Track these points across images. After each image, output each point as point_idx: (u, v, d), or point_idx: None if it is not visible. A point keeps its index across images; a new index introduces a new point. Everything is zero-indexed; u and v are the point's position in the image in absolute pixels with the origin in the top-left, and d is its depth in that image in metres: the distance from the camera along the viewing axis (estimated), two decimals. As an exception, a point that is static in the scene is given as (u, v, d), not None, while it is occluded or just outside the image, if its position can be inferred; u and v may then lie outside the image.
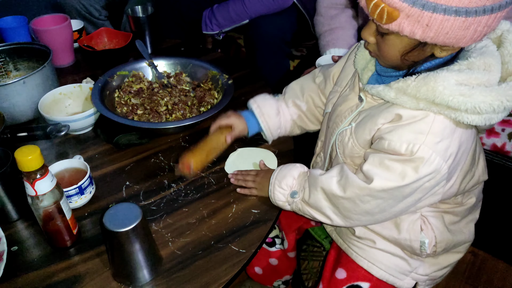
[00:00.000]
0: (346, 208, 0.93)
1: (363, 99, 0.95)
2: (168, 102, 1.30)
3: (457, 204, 1.02)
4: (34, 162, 0.79)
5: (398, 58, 0.84)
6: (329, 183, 0.93)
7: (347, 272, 1.04)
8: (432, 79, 0.78)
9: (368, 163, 0.88)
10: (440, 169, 0.83)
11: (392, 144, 0.84)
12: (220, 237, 0.95)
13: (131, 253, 0.80)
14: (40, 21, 1.61)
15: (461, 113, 0.78)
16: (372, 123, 0.90)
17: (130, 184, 1.09)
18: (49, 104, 1.27)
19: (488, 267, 1.75)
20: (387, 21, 0.76)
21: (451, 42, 0.76)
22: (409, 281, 1.02)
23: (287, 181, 0.99)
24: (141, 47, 1.48)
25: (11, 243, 0.94)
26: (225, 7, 1.92)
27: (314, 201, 0.96)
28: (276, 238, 1.30)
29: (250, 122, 1.15)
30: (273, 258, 1.31)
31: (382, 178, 0.85)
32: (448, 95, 0.77)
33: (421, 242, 0.98)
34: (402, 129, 0.84)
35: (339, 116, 1.01)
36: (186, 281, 0.86)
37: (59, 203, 0.86)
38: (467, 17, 0.72)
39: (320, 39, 1.57)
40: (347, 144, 0.97)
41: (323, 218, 0.97)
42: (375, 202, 0.89)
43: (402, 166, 0.83)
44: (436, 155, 0.81)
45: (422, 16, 0.73)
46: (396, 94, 0.84)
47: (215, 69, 1.38)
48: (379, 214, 0.92)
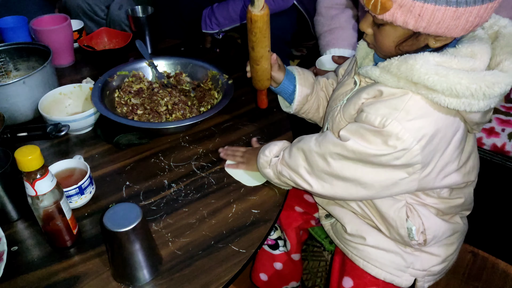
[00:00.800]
0: (318, 167, 0.94)
1: (357, 82, 0.98)
2: (168, 102, 1.30)
3: (442, 199, 1.01)
4: (34, 162, 0.79)
5: (393, 48, 0.88)
6: (309, 140, 0.98)
7: (353, 280, 1.05)
8: (412, 58, 0.81)
9: (345, 129, 0.92)
10: (411, 147, 0.83)
11: (368, 116, 0.87)
12: (220, 237, 0.95)
13: (131, 253, 0.80)
14: (40, 21, 1.61)
15: (438, 94, 0.80)
16: (356, 98, 0.93)
17: (130, 184, 1.09)
18: (49, 104, 1.27)
19: (488, 267, 1.75)
20: (381, 12, 0.80)
21: (443, 32, 0.78)
22: (408, 278, 1.02)
23: (271, 149, 1.04)
24: (141, 47, 1.48)
25: (11, 243, 0.94)
26: (225, 6, 1.92)
27: (292, 159, 0.99)
28: (279, 240, 1.29)
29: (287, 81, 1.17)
30: (278, 262, 1.30)
31: (354, 141, 0.88)
32: (424, 73, 0.79)
33: (408, 230, 0.99)
34: (380, 104, 0.87)
35: (335, 100, 1.04)
36: (186, 281, 0.86)
37: (59, 203, 0.86)
38: (457, 7, 0.74)
39: (320, 39, 1.57)
40: (336, 118, 1.00)
41: (299, 179, 0.98)
42: (345, 162, 0.91)
43: (373, 137, 0.86)
44: (405, 132, 0.83)
45: (414, 6, 0.76)
46: (381, 72, 0.87)
47: (215, 69, 1.38)
48: (350, 182, 0.93)
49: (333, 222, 1.12)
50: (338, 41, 1.50)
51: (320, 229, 1.27)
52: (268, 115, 1.32)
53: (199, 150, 1.19)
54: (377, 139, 0.86)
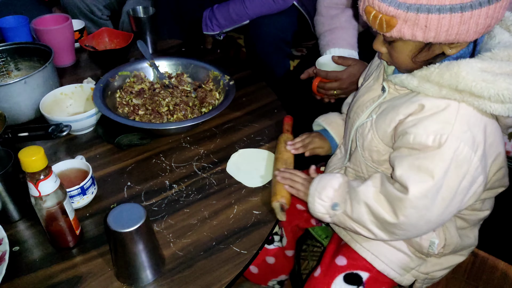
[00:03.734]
0: (389, 224, 0.90)
1: (385, 89, 0.95)
2: (169, 103, 1.30)
3: (473, 210, 1.01)
4: (38, 163, 0.79)
5: (409, 61, 0.86)
6: (367, 191, 0.92)
7: (347, 260, 1.04)
8: (455, 66, 0.79)
9: (398, 169, 0.87)
10: (471, 160, 0.82)
11: (418, 137, 0.83)
12: (221, 238, 0.95)
13: (134, 253, 0.80)
14: (41, 21, 1.61)
15: (484, 100, 0.78)
16: (393, 113, 0.90)
17: (132, 185, 1.09)
18: (50, 104, 1.27)
19: (488, 267, 1.76)
20: (388, 29, 0.79)
21: (455, 38, 0.77)
22: (409, 278, 1.03)
23: (327, 193, 0.97)
24: (142, 47, 1.48)
25: (13, 243, 0.94)
26: (225, 7, 1.92)
27: (356, 214, 0.93)
28: (275, 235, 1.30)
29: (330, 140, 1.18)
30: (270, 256, 1.31)
31: (417, 181, 0.84)
32: (471, 81, 0.78)
33: (430, 242, 0.98)
34: (427, 121, 0.83)
35: (360, 107, 1.01)
36: (188, 282, 0.86)
37: (62, 203, 0.87)
38: (463, 12, 0.73)
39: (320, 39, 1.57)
40: (367, 136, 0.97)
41: (366, 232, 0.94)
42: (419, 214, 0.86)
43: (434, 163, 0.82)
44: (465, 145, 0.81)
45: (418, 19, 0.75)
46: (419, 81, 0.84)
47: (217, 70, 1.39)
48: (424, 226, 0.90)
49: None
50: (338, 41, 1.50)
51: (320, 229, 1.27)
52: (269, 116, 1.33)
53: (200, 151, 1.19)
54: (438, 162, 0.82)
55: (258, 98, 1.40)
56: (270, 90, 1.45)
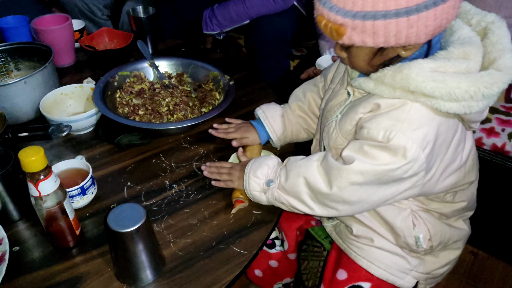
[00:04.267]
0: (323, 195, 0.92)
1: (350, 93, 0.96)
2: (169, 103, 1.30)
3: (445, 203, 1.01)
4: (38, 163, 0.79)
5: (366, 65, 0.88)
6: (309, 165, 0.94)
7: (348, 273, 1.05)
8: (406, 67, 0.80)
9: (348, 149, 0.90)
10: (418, 157, 0.83)
11: (370, 131, 0.86)
12: (221, 238, 0.95)
13: (134, 253, 0.80)
14: (41, 21, 1.60)
15: (438, 100, 0.79)
16: (353, 113, 0.92)
17: (132, 185, 1.09)
18: (50, 104, 1.27)
19: (488, 267, 1.76)
20: (338, 37, 0.80)
21: (405, 41, 0.78)
22: (410, 280, 1.02)
23: (262, 170, 0.99)
24: (142, 47, 1.48)
25: (13, 244, 0.94)
26: (225, 7, 1.92)
27: (291, 185, 0.95)
28: (276, 240, 1.30)
29: (260, 130, 1.18)
30: (273, 260, 1.31)
31: (360, 160, 0.86)
32: (421, 81, 0.78)
33: (415, 238, 0.99)
34: (380, 117, 0.86)
35: (329, 111, 1.02)
36: (188, 282, 0.86)
37: (63, 203, 0.87)
38: (408, 16, 0.74)
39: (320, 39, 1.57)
40: (332, 135, 0.98)
41: (301, 205, 0.96)
42: (352, 188, 0.88)
43: (380, 152, 0.84)
44: (413, 143, 0.82)
45: (365, 26, 0.76)
46: (375, 84, 0.86)
47: (217, 70, 1.39)
48: (357, 204, 0.91)
49: (336, 224, 1.12)
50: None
51: (320, 229, 1.27)
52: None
53: (200, 151, 1.19)
54: (383, 154, 0.84)
55: (258, 98, 1.40)
56: (270, 90, 1.45)
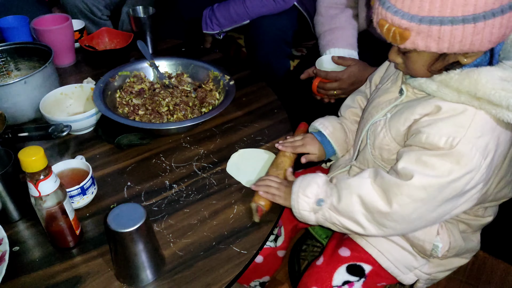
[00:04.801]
0: (381, 214, 0.89)
1: (403, 92, 0.95)
2: (169, 103, 1.30)
3: (476, 216, 1.01)
4: (38, 163, 0.79)
5: (425, 71, 0.86)
6: (362, 183, 0.91)
7: (351, 252, 1.04)
8: (475, 73, 0.79)
9: (403, 161, 0.87)
10: (479, 166, 0.81)
11: (430, 137, 0.84)
12: (221, 238, 0.95)
13: (135, 253, 0.80)
14: (41, 21, 1.60)
15: (502, 109, 0.78)
16: (408, 113, 0.90)
17: (132, 185, 1.09)
18: (50, 104, 1.27)
19: (488, 267, 1.76)
20: (401, 41, 0.80)
21: (469, 48, 0.77)
22: (412, 277, 1.03)
23: (311, 189, 0.95)
24: (142, 47, 1.48)
25: (13, 244, 0.94)
26: (225, 6, 1.92)
27: (345, 206, 0.92)
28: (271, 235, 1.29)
29: (325, 145, 1.15)
30: (260, 256, 1.30)
31: (421, 174, 0.83)
32: (491, 89, 0.78)
33: (434, 245, 0.98)
34: (442, 122, 0.84)
35: (375, 107, 1.01)
36: (188, 282, 0.86)
37: (62, 203, 0.86)
38: (475, 23, 0.73)
39: (320, 39, 1.57)
40: (379, 134, 0.97)
41: (354, 226, 0.93)
42: (414, 205, 0.86)
43: (441, 161, 0.82)
44: (476, 151, 0.80)
45: (431, 31, 0.76)
46: (438, 86, 0.84)
47: (217, 70, 1.39)
48: (416, 221, 0.89)
49: None
50: (338, 41, 1.50)
51: (320, 229, 1.27)
52: (269, 116, 1.33)
53: (200, 151, 1.19)
54: (445, 162, 0.82)
55: (258, 98, 1.40)
56: (270, 90, 1.45)
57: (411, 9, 0.76)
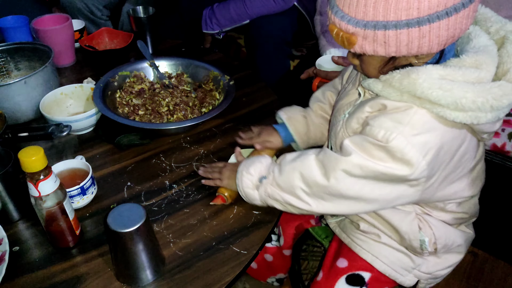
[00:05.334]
0: (320, 187, 0.90)
1: (361, 94, 0.96)
2: (169, 103, 1.30)
3: (447, 212, 1.00)
4: (38, 163, 0.79)
5: (377, 73, 0.87)
6: (306, 159, 0.93)
7: (348, 262, 1.04)
8: (414, 72, 0.79)
9: (348, 139, 0.88)
10: (418, 163, 0.81)
11: (372, 129, 0.85)
12: (221, 238, 0.95)
13: (134, 253, 0.80)
14: (41, 21, 1.61)
15: (443, 108, 0.78)
16: (360, 112, 0.91)
17: (132, 185, 1.09)
18: (50, 104, 1.27)
19: (488, 267, 1.76)
20: (349, 46, 0.81)
21: (417, 51, 0.77)
22: (412, 278, 1.02)
23: (255, 167, 0.98)
24: (142, 47, 1.48)
25: (13, 244, 0.94)
26: (225, 6, 1.92)
27: (286, 179, 0.93)
28: (272, 234, 1.30)
29: (282, 133, 1.16)
30: (268, 254, 1.31)
31: (358, 155, 0.85)
32: (427, 88, 0.77)
33: (421, 241, 0.98)
34: (384, 117, 0.85)
35: (339, 110, 1.02)
36: (188, 282, 0.86)
37: (62, 203, 0.87)
38: (420, 26, 0.73)
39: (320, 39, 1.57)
40: (338, 134, 0.98)
41: (296, 201, 0.93)
42: (349, 181, 0.87)
43: (377, 151, 0.83)
44: (412, 147, 0.81)
45: (376, 36, 0.76)
46: (383, 86, 0.85)
47: (217, 70, 1.39)
48: (353, 200, 0.90)
49: (341, 220, 1.11)
50: (338, 41, 1.50)
51: (320, 229, 1.27)
52: (269, 116, 1.32)
53: (200, 151, 1.19)
54: (381, 153, 0.83)
55: (258, 98, 1.40)
56: (270, 90, 1.45)
57: (357, 14, 0.76)
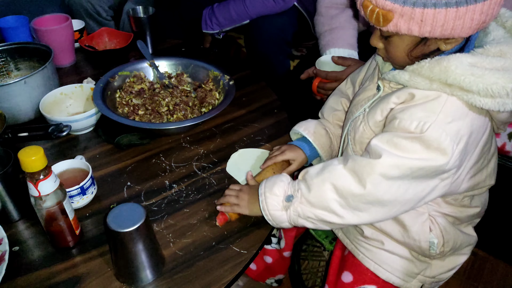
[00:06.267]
0: (355, 197, 0.86)
1: (380, 88, 0.95)
2: (169, 103, 1.30)
3: (462, 207, 1.01)
4: (38, 162, 0.79)
5: (405, 57, 0.87)
6: (333, 169, 0.89)
7: (353, 275, 1.04)
8: (445, 60, 0.80)
9: (376, 139, 0.87)
10: (452, 152, 0.81)
11: (402, 122, 0.84)
12: (221, 238, 0.95)
13: (134, 253, 0.80)
14: (41, 21, 1.61)
15: (474, 95, 0.79)
16: (384, 103, 0.91)
17: (131, 185, 1.09)
18: (50, 104, 1.27)
19: (488, 267, 1.76)
20: (384, 24, 0.81)
21: (450, 33, 0.78)
22: (416, 283, 1.02)
23: (278, 187, 0.93)
24: (142, 47, 1.48)
25: (13, 243, 0.94)
26: (225, 6, 1.92)
27: (317, 195, 0.89)
28: (272, 237, 1.30)
29: (307, 150, 1.11)
30: (268, 256, 1.31)
31: (390, 153, 0.83)
32: (460, 75, 0.78)
33: (430, 243, 0.98)
34: (414, 108, 0.84)
35: (356, 106, 1.01)
36: (188, 281, 0.86)
37: (62, 203, 0.86)
38: (458, 7, 0.75)
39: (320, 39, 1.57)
40: (359, 128, 0.97)
41: (330, 215, 0.89)
42: (386, 184, 0.85)
43: (411, 143, 0.82)
44: (447, 135, 0.81)
45: (414, 13, 0.77)
46: (410, 76, 0.85)
47: (217, 70, 1.39)
48: (389, 205, 0.87)
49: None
50: (338, 41, 1.50)
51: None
52: (269, 116, 1.33)
53: (200, 151, 1.19)
54: (415, 145, 0.82)
55: (258, 98, 1.40)
56: (270, 90, 1.45)
57: None
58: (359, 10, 0.85)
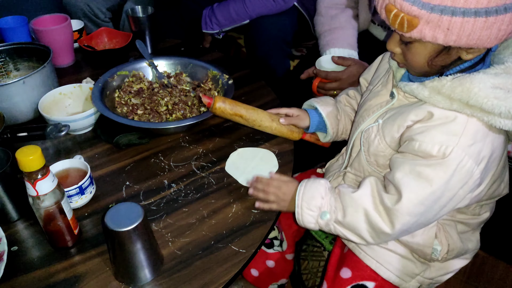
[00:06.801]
0: (383, 232, 0.90)
1: (395, 95, 0.94)
2: (168, 102, 1.30)
3: (473, 215, 1.01)
4: (35, 162, 0.79)
5: (425, 64, 0.85)
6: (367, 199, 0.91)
7: (352, 272, 1.04)
8: (468, 80, 0.78)
9: (399, 172, 0.87)
10: (473, 173, 0.81)
11: (423, 145, 0.83)
12: (220, 237, 0.95)
13: (132, 252, 0.80)
14: (40, 21, 1.60)
15: (494, 116, 0.78)
16: (401, 120, 0.89)
17: (130, 184, 1.09)
18: (49, 104, 1.27)
19: (488, 267, 1.75)
20: (408, 30, 0.78)
21: (475, 43, 0.76)
22: (414, 284, 1.02)
23: (316, 202, 0.94)
24: (141, 47, 1.48)
25: (11, 243, 0.94)
26: (225, 6, 1.92)
27: (350, 222, 0.92)
28: (275, 240, 1.29)
29: (313, 119, 1.17)
30: (271, 260, 1.30)
31: (416, 188, 0.84)
32: (483, 97, 0.77)
33: (433, 249, 0.98)
34: (435, 130, 0.83)
35: (367, 111, 1.00)
36: (187, 281, 0.86)
37: (60, 203, 0.86)
38: (487, 17, 0.72)
39: (320, 39, 1.57)
40: (373, 141, 0.96)
41: (357, 239, 0.94)
42: (414, 220, 0.87)
43: (435, 172, 0.82)
44: (469, 158, 0.80)
45: (441, 21, 0.74)
46: (430, 93, 0.83)
47: (215, 69, 1.38)
48: (415, 230, 0.92)
49: None
50: (338, 41, 1.50)
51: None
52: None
53: (199, 150, 1.19)
54: (439, 172, 0.82)
55: (258, 98, 1.40)
56: (269, 89, 1.45)
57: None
58: (380, 13, 0.82)
